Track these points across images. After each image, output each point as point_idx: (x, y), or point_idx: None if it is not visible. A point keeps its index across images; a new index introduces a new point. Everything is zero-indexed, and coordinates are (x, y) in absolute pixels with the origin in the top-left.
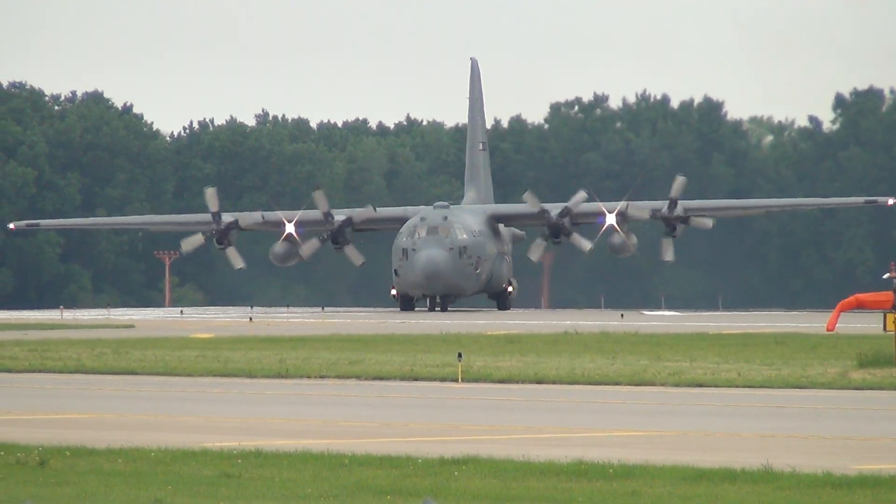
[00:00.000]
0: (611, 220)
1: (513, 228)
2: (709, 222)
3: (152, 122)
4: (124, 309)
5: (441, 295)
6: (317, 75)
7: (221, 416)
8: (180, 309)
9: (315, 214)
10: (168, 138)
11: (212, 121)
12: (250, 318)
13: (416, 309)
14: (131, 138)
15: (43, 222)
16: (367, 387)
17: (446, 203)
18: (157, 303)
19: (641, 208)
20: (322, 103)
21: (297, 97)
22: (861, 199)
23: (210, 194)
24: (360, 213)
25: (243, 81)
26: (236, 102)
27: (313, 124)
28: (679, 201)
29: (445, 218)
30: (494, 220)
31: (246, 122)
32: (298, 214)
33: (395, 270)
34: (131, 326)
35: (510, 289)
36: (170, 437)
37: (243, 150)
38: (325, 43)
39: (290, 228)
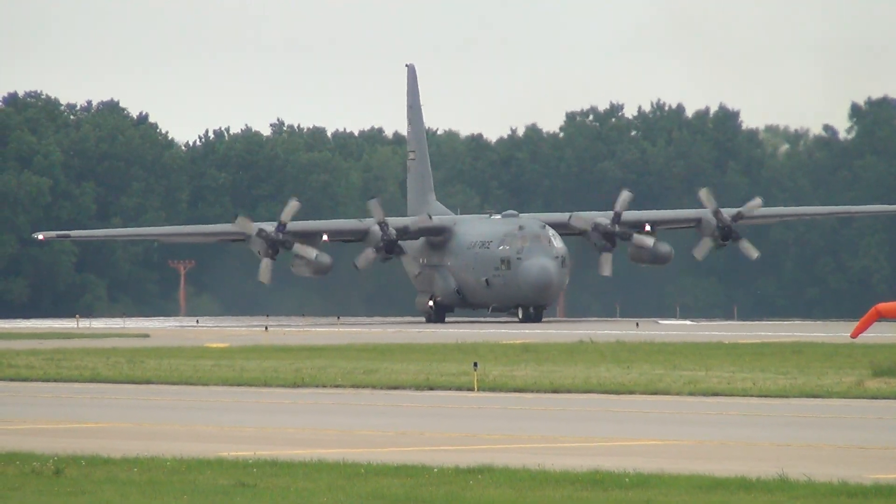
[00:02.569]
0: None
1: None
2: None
3: (167, 132)
4: (139, 318)
5: (539, 305)
6: (332, 84)
7: (237, 425)
8: (195, 318)
9: (353, 223)
10: (183, 147)
11: (227, 130)
12: (266, 328)
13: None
14: (146, 147)
15: (73, 233)
16: (383, 396)
17: (515, 212)
18: (172, 312)
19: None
20: (337, 112)
21: (312, 106)
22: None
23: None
24: (417, 221)
25: (258, 90)
26: (251, 111)
27: (329, 133)
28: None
29: (544, 226)
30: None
31: (261, 131)
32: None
33: (487, 280)
34: (146, 336)
35: None
36: (185, 447)
37: (258, 159)
38: (340, 51)
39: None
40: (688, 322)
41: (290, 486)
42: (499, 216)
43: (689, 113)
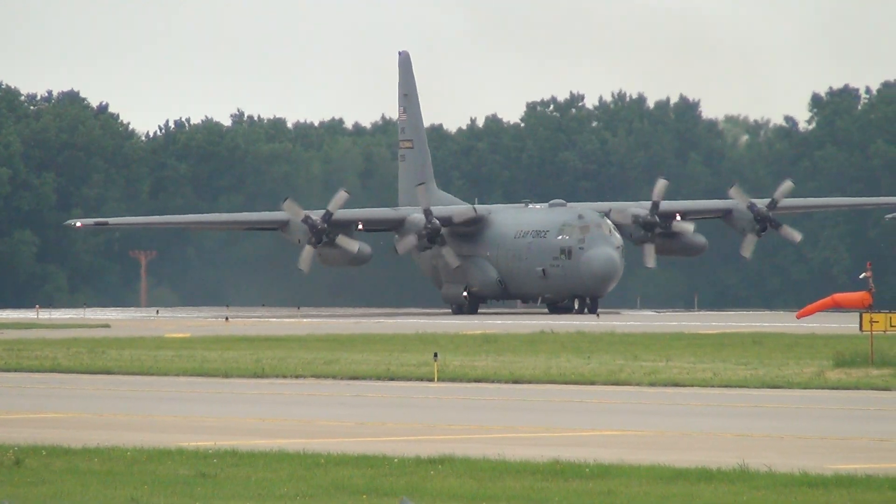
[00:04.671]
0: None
1: None
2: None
3: (128, 122)
4: (100, 309)
5: (597, 297)
6: (293, 74)
7: (197, 415)
8: (156, 309)
9: (389, 212)
10: (144, 138)
11: (188, 120)
12: (226, 318)
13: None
14: (107, 138)
15: (111, 220)
16: (344, 386)
17: (563, 201)
18: (133, 303)
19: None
20: (298, 103)
21: (273, 97)
22: None
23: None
24: (461, 211)
25: (219, 81)
26: (212, 102)
27: (290, 124)
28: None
29: (603, 216)
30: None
31: (222, 121)
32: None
33: (543, 271)
34: (107, 326)
35: None
36: (146, 437)
37: (219, 149)
38: (300, 42)
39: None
40: (649, 312)
41: (251, 477)
42: (538, 205)
43: (650, 103)
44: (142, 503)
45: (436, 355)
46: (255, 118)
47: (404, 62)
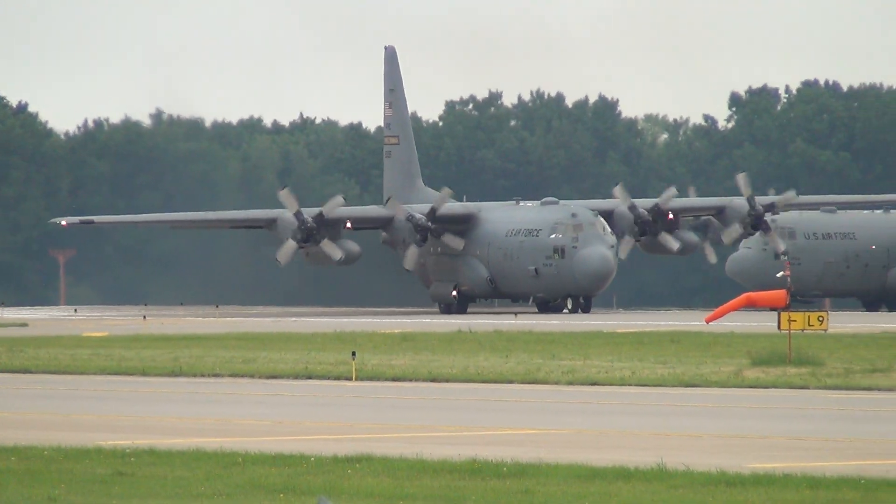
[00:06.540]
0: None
1: None
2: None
3: (47, 121)
4: (18, 308)
5: (591, 296)
6: (212, 73)
7: (115, 414)
8: (74, 308)
9: (378, 210)
10: (63, 137)
11: (107, 119)
12: (144, 317)
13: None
14: (27, 137)
15: (97, 218)
16: (261, 385)
17: (555, 198)
18: (52, 302)
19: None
20: (217, 101)
21: (191, 95)
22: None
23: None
24: (440, 198)
25: (137, 79)
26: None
27: (208, 123)
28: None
29: (596, 214)
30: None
31: (141, 120)
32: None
33: (536, 270)
34: (25, 325)
35: None
36: (63, 436)
37: (138, 148)
38: (219, 39)
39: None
40: (567, 311)
41: (168, 475)
42: (530, 203)
43: (569, 102)
44: (60, 502)
45: (353, 354)
46: (175, 117)
47: (390, 57)
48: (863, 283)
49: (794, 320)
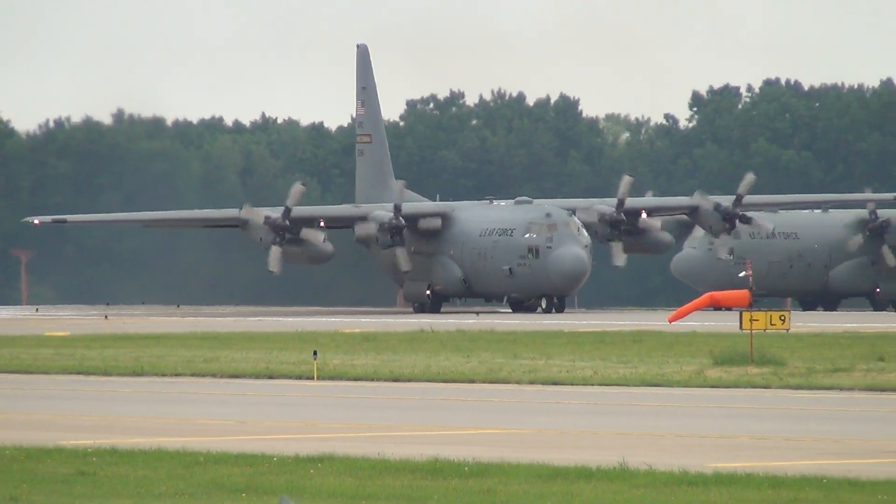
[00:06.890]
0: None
1: None
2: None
3: (9, 120)
4: None
5: (565, 296)
6: (173, 72)
7: (76, 413)
8: (35, 307)
9: (350, 209)
10: (24, 136)
11: (68, 119)
12: (106, 316)
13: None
14: None
15: (70, 217)
16: (223, 384)
17: (529, 198)
18: (15, 301)
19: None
20: (178, 101)
21: (152, 95)
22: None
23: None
24: (408, 206)
25: (98, 79)
26: (92, 100)
27: (169, 122)
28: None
29: (571, 214)
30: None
31: (102, 120)
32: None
33: (510, 269)
34: None
35: None
36: (24, 435)
37: (100, 148)
38: (181, 39)
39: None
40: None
41: (130, 475)
42: (504, 202)
43: (530, 101)
44: (21, 501)
45: (315, 353)
46: (136, 116)
47: (362, 55)
48: (805, 283)
49: (756, 320)
